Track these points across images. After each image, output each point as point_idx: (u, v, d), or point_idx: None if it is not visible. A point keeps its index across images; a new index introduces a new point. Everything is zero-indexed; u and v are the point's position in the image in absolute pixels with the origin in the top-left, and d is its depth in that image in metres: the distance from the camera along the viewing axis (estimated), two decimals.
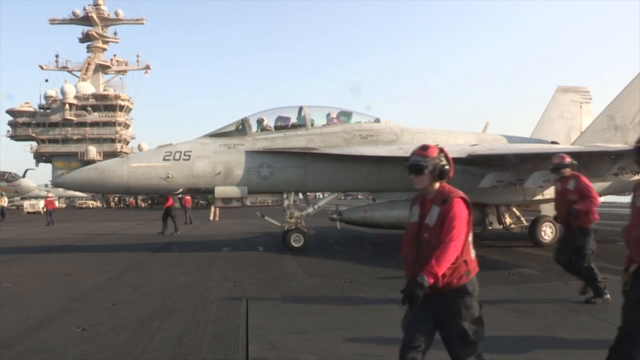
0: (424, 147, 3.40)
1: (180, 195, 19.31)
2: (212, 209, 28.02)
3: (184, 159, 11.69)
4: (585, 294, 6.65)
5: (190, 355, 4.72)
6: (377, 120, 13.11)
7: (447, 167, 3.32)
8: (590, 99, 17.49)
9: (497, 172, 11.78)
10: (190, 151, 11.79)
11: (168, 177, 11.55)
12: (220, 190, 12.02)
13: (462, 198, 3.28)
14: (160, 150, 11.91)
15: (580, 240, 6.70)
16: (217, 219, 27.67)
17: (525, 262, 10.35)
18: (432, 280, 3.04)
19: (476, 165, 12.12)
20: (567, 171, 7.04)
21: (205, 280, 8.81)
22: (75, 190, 27.41)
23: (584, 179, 6.91)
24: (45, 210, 29.24)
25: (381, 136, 12.83)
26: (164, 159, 11.64)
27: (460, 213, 3.22)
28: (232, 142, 12.12)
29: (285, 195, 12.67)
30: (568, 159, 7.05)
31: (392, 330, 5.45)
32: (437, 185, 3.34)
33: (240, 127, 12.43)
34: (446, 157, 3.36)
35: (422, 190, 3.40)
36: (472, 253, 3.32)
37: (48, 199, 29.55)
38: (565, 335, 5.21)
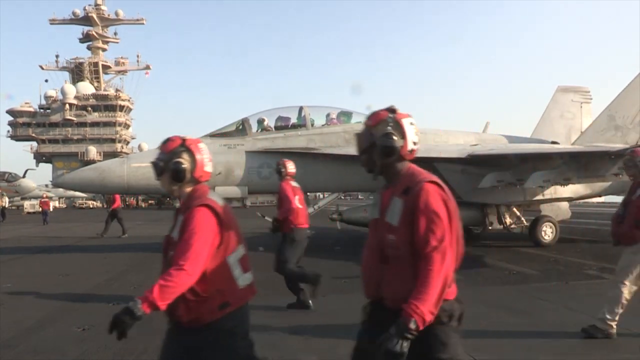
0: (164, 141, 2.69)
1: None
2: None
3: None
4: (313, 296, 6.53)
5: None
6: None
7: (183, 165, 2.59)
8: (591, 99, 17.48)
9: (498, 172, 11.79)
10: None
11: None
12: (221, 191, 12.01)
13: (208, 206, 2.52)
14: None
15: (281, 245, 6.68)
16: None
17: (526, 262, 10.35)
18: (147, 310, 2.32)
19: (476, 165, 12.13)
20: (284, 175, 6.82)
21: None
22: (75, 190, 27.68)
23: (284, 185, 6.69)
24: (40, 210, 30.99)
25: None
26: None
27: (201, 226, 2.45)
28: (233, 143, 12.12)
29: None
30: (281, 164, 6.90)
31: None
32: (187, 188, 2.63)
33: (241, 127, 12.44)
34: (189, 151, 2.64)
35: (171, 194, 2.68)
36: (240, 279, 2.57)
37: (42, 199, 31.43)
38: (565, 335, 5.20)
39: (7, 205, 34.90)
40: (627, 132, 14.84)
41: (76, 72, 74.71)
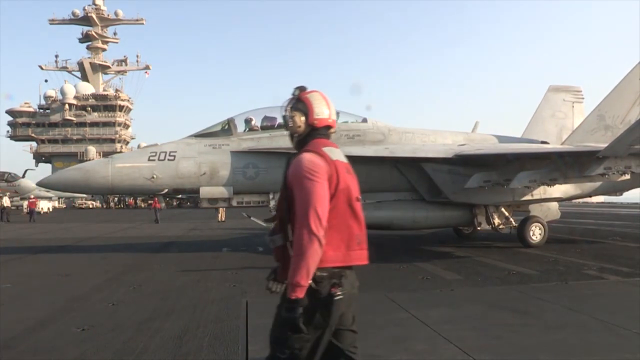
0: None
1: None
2: (220, 210, 26.86)
3: (168, 159, 11.55)
4: None
5: (191, 356, 4.72)
6: (365, 120, 12.94)
7: None
8: (582, 98, 17.36)
9: (484, 172, 11.68)
10: (175, 151, 11.64)
11: (153, 177, 11.41)
12: (206, 191, 11.85)
13: None
14: (145, 150, 11.81)
15: None
16: (223, 219, 26.30)
17: (525, 262, 10.35)
18: None
19: (463, 165, 12.05)
20: None
21: (205, 280, 8.80)
22: (59, 190, 27.69)
23: None
24: (28, 210, 34.50)
25: (368, 136, 12.68)
26: (149, 160, 11.49)
27: None
28: (218, 143, 11.95)
29: (271, 196, 12.47)
30: None
31: (392, 330, 5.45)
32: None
33: (226, 127, 12.25)
34: None
35: None
36: None
37: (30, 200, 34.74)
38: (565, 335, 5.21)
39: (8, 205, 35.12)
40: (617, 132, 14.68)
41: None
